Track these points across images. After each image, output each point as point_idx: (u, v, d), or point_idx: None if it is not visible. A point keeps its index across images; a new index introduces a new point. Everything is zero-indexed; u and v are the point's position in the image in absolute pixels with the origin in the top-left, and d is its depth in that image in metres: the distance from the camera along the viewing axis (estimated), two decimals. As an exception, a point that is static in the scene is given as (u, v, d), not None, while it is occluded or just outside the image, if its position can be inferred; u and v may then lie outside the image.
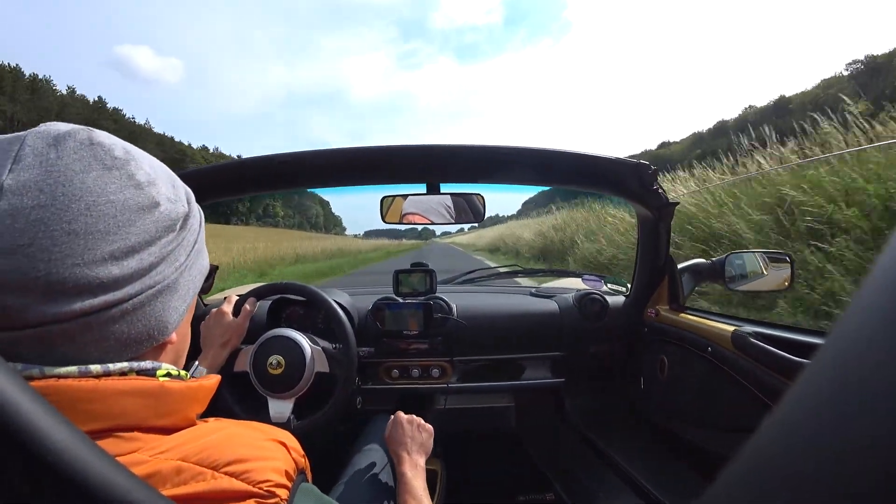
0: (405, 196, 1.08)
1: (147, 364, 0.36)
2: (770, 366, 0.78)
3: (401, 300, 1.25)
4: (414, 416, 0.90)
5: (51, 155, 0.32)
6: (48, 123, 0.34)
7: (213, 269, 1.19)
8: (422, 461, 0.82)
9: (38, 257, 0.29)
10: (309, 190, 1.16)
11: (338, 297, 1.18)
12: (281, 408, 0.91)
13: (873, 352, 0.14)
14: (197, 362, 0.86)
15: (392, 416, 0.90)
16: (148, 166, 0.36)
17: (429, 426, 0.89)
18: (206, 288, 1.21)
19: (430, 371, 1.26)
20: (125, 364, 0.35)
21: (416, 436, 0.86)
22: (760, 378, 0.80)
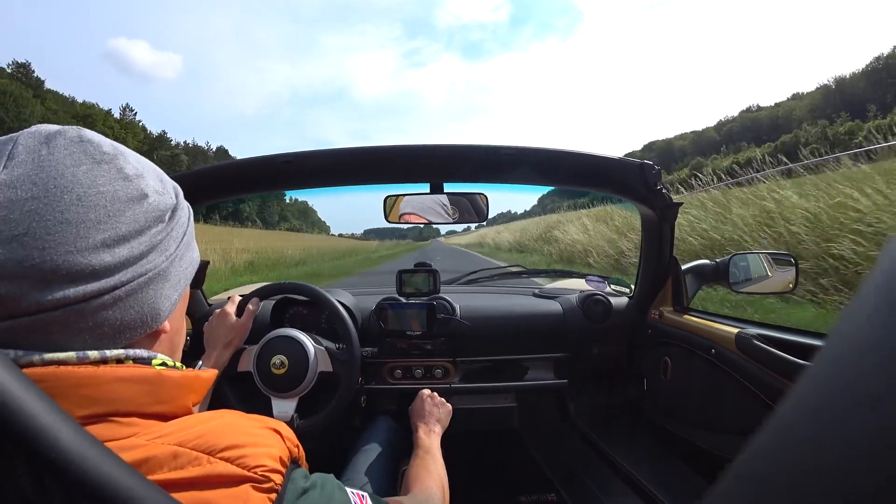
0: (408, 196, 1.08)
1: (143, 352, 0.37)
2: (774, 368, 0.78)
3: (404, 300, 1.26)
4: (435, 394, 1.00)
5: (42, 151, 0.33)
6: (39, 125, 0.36)
7: (205, 264, 1.19)
8: (437, 429, 0.92)
9: (33, 245, 0.31)
10: (309, 190, 1.15)
11: (341, 298, 1.19)
12: (284, 407, 0.91)
13: (873, 353, 0.14)
14: (200, 362, 0.87)
15: (419, 393, 1.00)
16: (135, 161, 0.38)
17: (447, 404, 1.00)
18: (198, 282, 1.22)
19: (433, 371, 1.26)
20: (121, 351, 0.36)
21: (433, 411, 0.95)
22: (764, 380, 0.80)
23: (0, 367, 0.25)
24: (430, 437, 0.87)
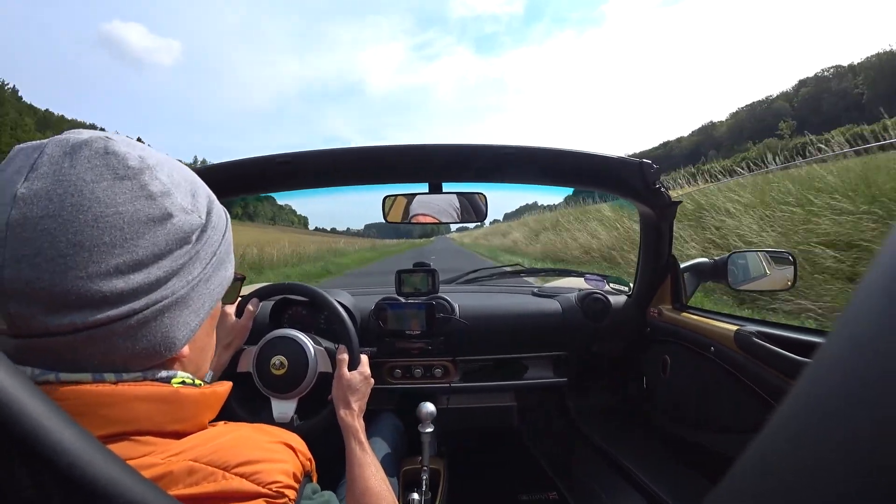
0: (407, 195, 1.08)
1: (162, 373, 0.37)
2: (773, 365, 0.78)
3: (403, 300, 1.26)
4: (345, 370, 0.86)
5: (65, 164, 0.31)
6: (71, 131, 0.34)
7: (240, 279, 1.18)
8: (356, 407, 0.81)
9: (43, 268, 0.30)
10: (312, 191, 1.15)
11: (340, 298, 1.18)
12: (284, 408, 0.91)
13: (874, 348, 0.14)
14: None
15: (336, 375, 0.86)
16: (165, 175, 0.35)
17: (356, 374, 0.86)
18: (231, 297, 1.20)
19: (433, 371, 1.26)
20: (139, 374, 0.35)
21: (346, 393, 0.82)
22: (763, 378, 0.80)
23: (18, 385, 0.24)
24: (351, 417, 0.79)
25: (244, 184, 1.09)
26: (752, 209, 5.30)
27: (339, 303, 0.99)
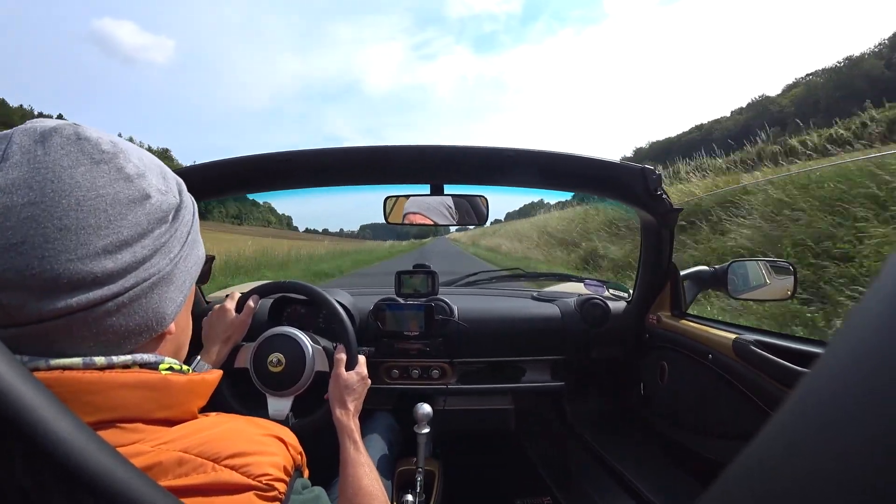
0: (409, 196, 1.08)
1: (150, 357, 0.37)
2: (771, 374, 0.78)
3: (402, 301, 1.26)
4: (342, 370, 0.86)
5: (38, 152, 0.32)
6: (35, 120, 0.34)
7: (210, 259, 1.19)
8: (352, 407, 0.81)
9: (32, 254, 0.30)
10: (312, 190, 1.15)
11: (339, 297, 1.19)
12: (279, 405, 0.91)
13: (872, 360, 0.14)
14: (199, 357, 0.87)
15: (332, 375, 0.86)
16: (137, 159, 0.37)
17: (354, 374, 0.85)
18: (204, 278, 1.22)
19: (430, 372, 1.26)
20: (128, 357, 0.35)
21: (343, 393, 0.82)
22: (761, 386, 0.80)
23: (10, 370, 0.24)
24: (346, 417, 0.79)
25: (240, 183, 1.08)
26: None
27: (337, 302, 0.99)
